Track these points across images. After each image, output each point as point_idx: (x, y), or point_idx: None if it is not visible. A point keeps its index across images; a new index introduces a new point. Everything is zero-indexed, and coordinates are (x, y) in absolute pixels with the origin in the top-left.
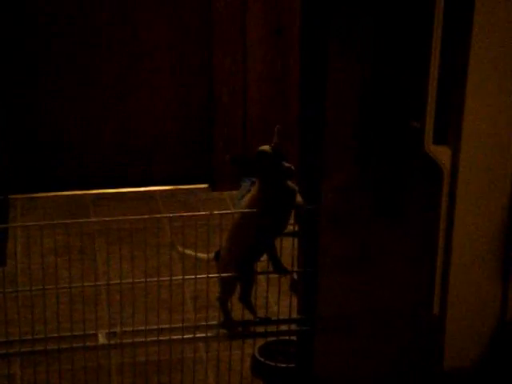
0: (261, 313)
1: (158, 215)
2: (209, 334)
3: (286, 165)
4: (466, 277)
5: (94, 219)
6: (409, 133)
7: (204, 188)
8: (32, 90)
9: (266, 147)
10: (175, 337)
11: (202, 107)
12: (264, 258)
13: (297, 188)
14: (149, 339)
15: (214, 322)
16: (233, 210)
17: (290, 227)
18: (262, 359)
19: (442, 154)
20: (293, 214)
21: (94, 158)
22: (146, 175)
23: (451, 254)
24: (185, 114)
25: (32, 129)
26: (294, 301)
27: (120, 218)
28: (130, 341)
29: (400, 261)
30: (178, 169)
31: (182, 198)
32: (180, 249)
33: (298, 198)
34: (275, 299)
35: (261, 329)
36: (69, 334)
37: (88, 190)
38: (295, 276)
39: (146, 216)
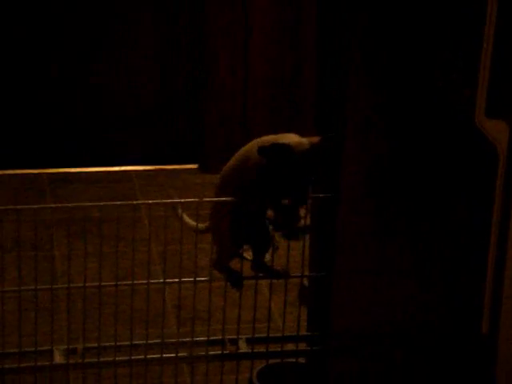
0: (261, 329)
1: (134, 201)
2: (195, 354)
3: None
4: None
5: (51, 205)
6: (455, 103)
7: (193, 169)
8: None
9: (299, 143)
10: (152, 356)
11: (192, 71)
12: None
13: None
14: (119, 358)
15: (202, 338)
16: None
17: (301, 221)
18: None
19: (496, 130)
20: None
21: (55, 129)
22: (120, 152)
23: (506, 259)
24: (171, 78)
25: None
26: (304, 314)
27: (85, 204)
28: (95, 360)
29: (441, 265)
30: (161, 145)
31: (165, 180)
32: (179, 211)
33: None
34: (280, 311)
35: (261, 347)
36: (16, 350)
37: (45, 168)
38: (305, 282)
39: (118, 202)
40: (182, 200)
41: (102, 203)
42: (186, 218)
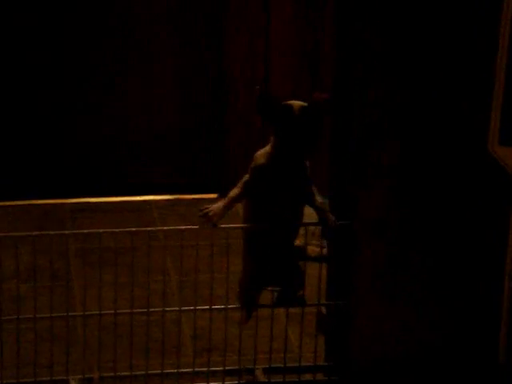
0: (278, 360)
1: (149, 228)
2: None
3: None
4: None
5: (66, 231)
6: (470, 130)
7: (213, 199)
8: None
9: (298, 104)
10: None
11: (213, 96)
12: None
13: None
14: None
15: (218, 368)
16: (242, 224)
17: (317, 249)
18: None
19: (509, 157)
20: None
21: (75, 159)
22: (140, 181)
23: None
24: (191, 107)
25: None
26: (322, 343)
27: (100, 230)
28: None
29: (457, 293)
30: (181, 174)
31: (185, 210)
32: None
33: (319, 200)
34: (298, 341)
35: (278, 378)
36: (32, 380)
37: (66, 198)
38: (323, 311)
39: (133, 229)
40: (196, 227)
41: (112, 229)
42: None
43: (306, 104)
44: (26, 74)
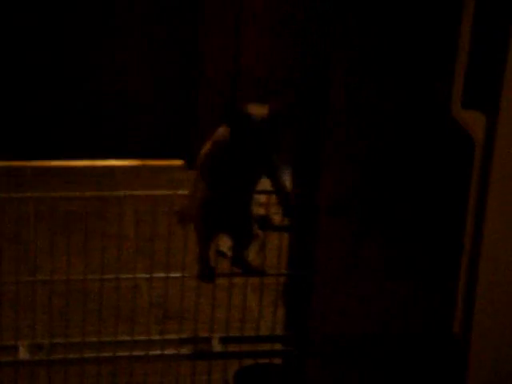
0: (237, 330)
1: (105, 192)
2: (166, 352)
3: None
4: (497, 286)
5: (28, 194)
6: (432, 95)
7: (179, 166)
8: None
9: (260, 112)
10: (122, 353)
11: (183, 60)
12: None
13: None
14: (87, 355)
15: (174, 337)
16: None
17: (278, 218)
18: None
19: (473, 121)
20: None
21: (37, 121)
22: (103, 146)
23: (479, 258)
24: (160, 73)
25: None
26: (282, 314)
27: (68, 194)
28: (61, 357)
29: (416, 265)
30: (147, 139)
31: (150, 176)
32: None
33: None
34: (256, 311)
35: (234, 347)
36: None
37: (27, 160)
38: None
39: (88, 193)
40: (158, 192)
41: (87, 193)
42: None
43: (265, 113)
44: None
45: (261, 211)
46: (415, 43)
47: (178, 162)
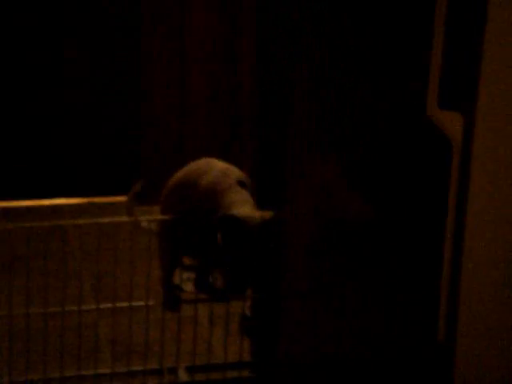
0: (202, 359)
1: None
2: None
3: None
4: (480, 287)
5: None
6: (407, 96)
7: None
8: None
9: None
10: None
11: (129, 94)
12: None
13: None
14: None
15: (139, 368)
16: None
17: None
18: None
19: (450, 121)
20: None
21: None
22: (51, 184)
23: (461, 264)
24: (105, 101)
25: None
26: (247, 344)
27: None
28: None
29: (396, 274)
30: (94, 175)
31: (98, 213)
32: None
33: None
34: (222, 339)
35: (201, 377)
36: None
37: None
38: (247, 312)
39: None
40: (117, 219)
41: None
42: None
43: (258, 219)
44: None
45: None
46: (388, 43)
47: (123, 198)
